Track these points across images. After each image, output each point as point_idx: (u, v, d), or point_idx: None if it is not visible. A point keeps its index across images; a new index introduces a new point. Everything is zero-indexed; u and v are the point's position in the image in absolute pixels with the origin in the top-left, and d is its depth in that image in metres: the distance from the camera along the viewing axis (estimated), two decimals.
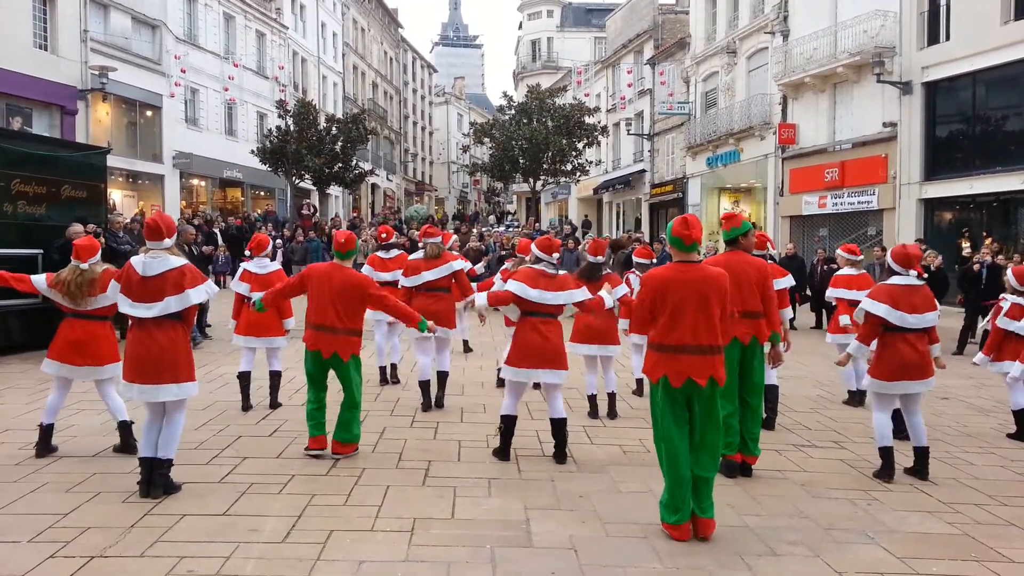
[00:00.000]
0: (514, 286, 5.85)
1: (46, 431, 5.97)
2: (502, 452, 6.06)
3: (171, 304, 5.00)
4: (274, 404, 7.69)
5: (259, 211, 30.22)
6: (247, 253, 8.00)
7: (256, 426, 6.93)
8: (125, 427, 6.05)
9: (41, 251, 10.41)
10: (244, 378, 7.66)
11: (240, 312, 7.67)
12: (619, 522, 4.78)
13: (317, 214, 28.34)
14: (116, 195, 23.88)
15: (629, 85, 38.31)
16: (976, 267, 13.22)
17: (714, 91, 30.32)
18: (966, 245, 18.11)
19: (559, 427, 5.99)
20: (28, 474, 5.45)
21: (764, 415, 6.13)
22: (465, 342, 11.60)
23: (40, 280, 5.91)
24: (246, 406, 7.56)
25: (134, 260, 5.12)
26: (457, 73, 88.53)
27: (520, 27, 62.95)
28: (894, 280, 5.86)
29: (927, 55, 20.04)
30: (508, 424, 6.02)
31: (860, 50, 21.39)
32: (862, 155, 22.18)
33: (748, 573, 4.14)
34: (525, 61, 61.12)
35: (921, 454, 5.85)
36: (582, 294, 6.09)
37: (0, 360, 9.91)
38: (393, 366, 9.14)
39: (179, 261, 5.10)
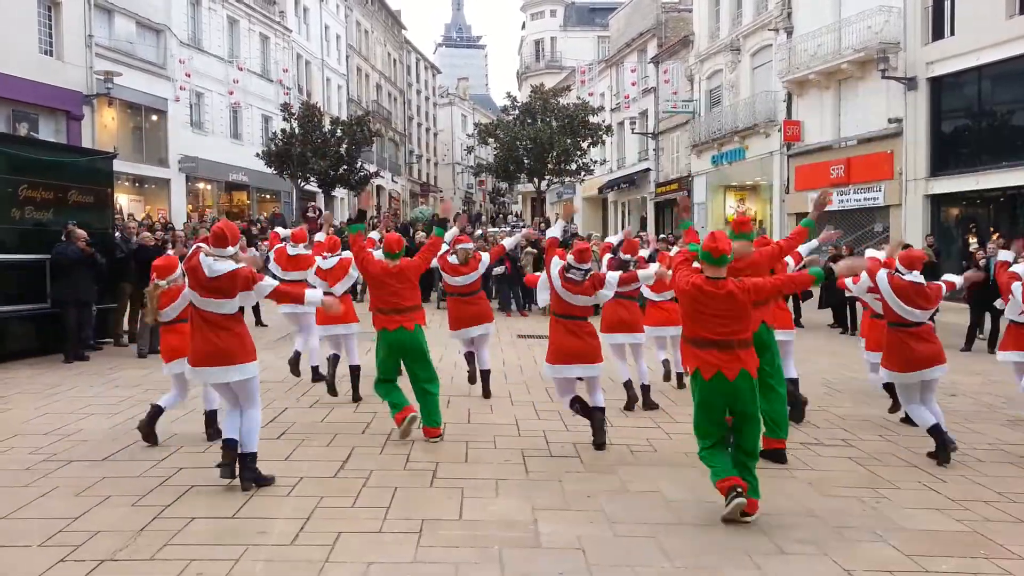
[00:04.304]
0: (553, 275, 6.31)
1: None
2: (595, 433, 6.36)
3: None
4: (356, 396, 8.03)
5: (265, 214, 30.30)
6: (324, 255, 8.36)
7: (264, 429, 6.91)
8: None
9: (48, 256, 10.45)
10: (333, 361, 8.15)
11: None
12: (627, 522, 4.78)
13: (322, 216, 28.35)
14: (123, 200, 23.95)
15: (633, 84, 38.28)
16: (982, 263, 13.15)
17: (718, 89, 30.26)
18: (973, 240, 18.06)
19: (597, 415, 6.35)
20: (38, 479, 5.48)
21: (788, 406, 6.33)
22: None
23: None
24: (333, 391, 8.05)
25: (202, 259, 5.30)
26: (461, 74, 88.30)
27: (523, 27, 62.94)
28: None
29: (932, 50, 19.97)
30: (576, 406, 6.42)
31: (864, 46, 21.32)
32: (868, 151, 22.11)
33: (757, 572, 4.13)
34: (528, 61, 61.10)
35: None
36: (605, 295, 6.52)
37: (9, 365, 9.95)
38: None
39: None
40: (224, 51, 31.89)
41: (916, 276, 6.12)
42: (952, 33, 19.49)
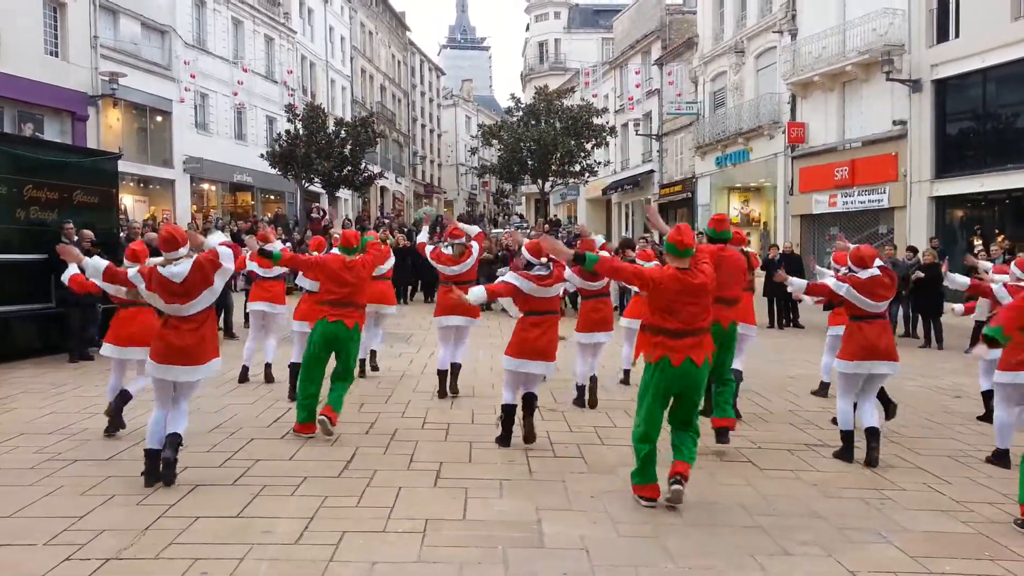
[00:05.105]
0: (512, 277, 6.38)
1: None
2: (503, 440, 6.49)
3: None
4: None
5: (269, 214, 30.33)
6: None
7: (268, 428, 6.96)
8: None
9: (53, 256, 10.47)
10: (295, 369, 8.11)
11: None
12: (630, 522, 4.78)
13: (327, 217, 28.37)
14: (127, 200, 24.00)
15: (637, 86, 38.24)
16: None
17: (722, 91, 30.23)
18: (978, 243, 18.02)
19: (529, 401, 6.46)
20: (43, 477, 5.49)
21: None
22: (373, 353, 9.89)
23: None
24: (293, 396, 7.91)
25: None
26: (465, 75, 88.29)
27: (527, 29, 62.99)
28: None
29: (936, 52, 19.94)
30: (508, 413, 6.52)
31: (869, 48, 21.30)
32: (872, 153, 22.08)
33: (761, 573, 4.13)
34: (532, 63, 61.11)
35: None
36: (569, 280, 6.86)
37: (14, 365, 9.97)
38: (372, 353, 9.76)
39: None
40: (229, 52, 31.94)
41: (871, 272, 6.16)
42: (957, 35, 19.46)
